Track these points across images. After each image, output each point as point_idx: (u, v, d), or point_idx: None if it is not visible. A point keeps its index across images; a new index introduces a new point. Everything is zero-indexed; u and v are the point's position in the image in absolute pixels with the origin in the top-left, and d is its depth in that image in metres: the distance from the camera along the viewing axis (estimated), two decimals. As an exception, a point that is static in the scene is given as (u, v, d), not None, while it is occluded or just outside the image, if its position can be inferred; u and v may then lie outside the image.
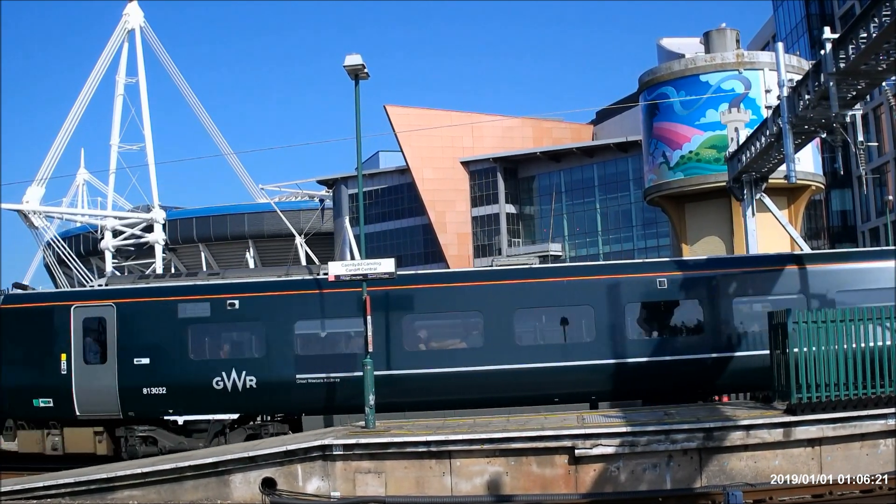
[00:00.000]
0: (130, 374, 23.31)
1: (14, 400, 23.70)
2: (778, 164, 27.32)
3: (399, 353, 23.07)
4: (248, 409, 23.62)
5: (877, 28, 18.19)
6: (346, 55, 22.03)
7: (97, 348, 23.86)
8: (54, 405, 23.28)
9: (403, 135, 72.45)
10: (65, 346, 23.55)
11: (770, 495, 17.18)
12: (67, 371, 23.41)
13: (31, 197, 65.02)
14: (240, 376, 23.06)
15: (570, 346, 23.14)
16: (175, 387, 23.25)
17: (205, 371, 23.33)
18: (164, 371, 23.32)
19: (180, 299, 23.84)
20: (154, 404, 23.30)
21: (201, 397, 23.26)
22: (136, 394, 23.23)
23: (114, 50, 70.42)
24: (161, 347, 23.57)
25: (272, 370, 23.20)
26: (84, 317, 23.83)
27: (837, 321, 18.82)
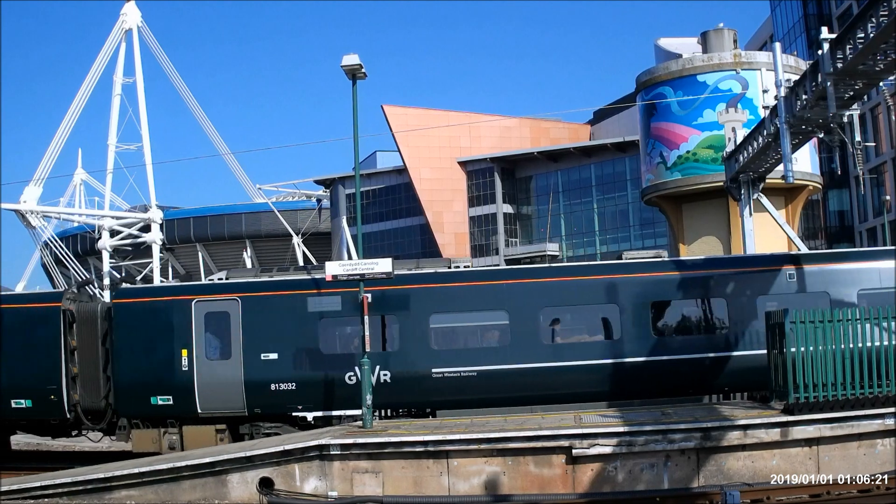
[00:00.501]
0: (257, 369, 22.85)
1: (129, 398, 23.28)
2: (775, 164, 27.32)
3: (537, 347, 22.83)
4: (382, 404, 23.04)
5: (874, 28, 18.19)
6: (344, 55, 22.03)
7: (220, 344, 23.41)
8: (174, 403, 22.82)
9: (401, 135, 72.41)
10: (185, 342, 23.11)
11: (767, 495, 17.17)
12: (189, 367, 22.98)
13: (28, 197, 64.94)
14: (373, 371, 22.54)
15: None
16: (305, 382, 22.78)
17: (337, 366, 22.90)
18: (294, 366, 22.84)
19: (310, 293, 23.31)
20: (282, 400, 22.80)
21: (333, 393, 22.79)
22: (262, 390, 22.74)
23: (111, 50, 70.38)
24: (290, 342, 23.07)
25: (407, 364, 22.81)
26: (206, 311, 23.38)
27: (835, 321, 18.83)
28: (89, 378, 23.82)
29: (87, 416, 23.92)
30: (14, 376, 23.47)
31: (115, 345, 23.46)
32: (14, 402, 23.49)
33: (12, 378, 23.47)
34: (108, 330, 23.90)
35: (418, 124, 71.97)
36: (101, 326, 24.01)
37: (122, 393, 23.32)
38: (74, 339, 23.90)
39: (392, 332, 23.34)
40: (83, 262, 78.72)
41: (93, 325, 24.04)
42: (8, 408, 23.54)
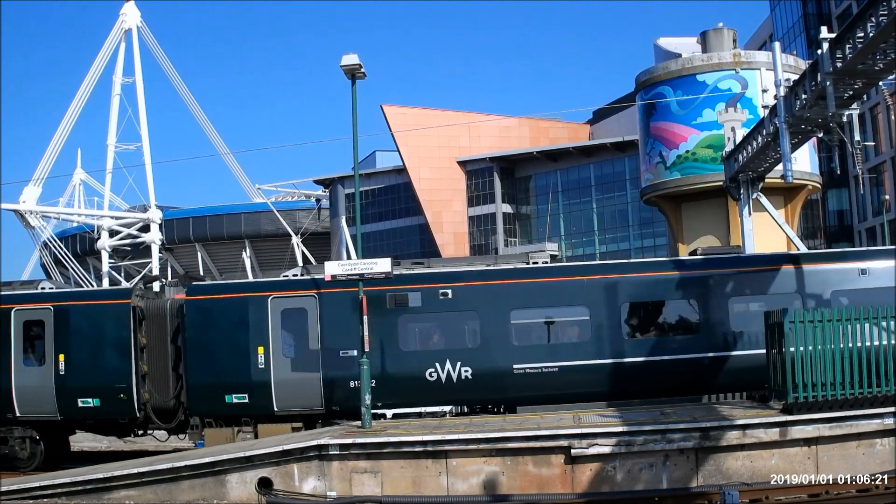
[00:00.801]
0: (336, 366, 22.72)
1: (203, 397, 23.14)
2: (775, 163, 27.29)
3: (618, 342, 22.83)
4: (462, 400, 22.99)
5: (874, 28, 18.17)
6: (343, 55, 22.02)
7: (297, 340, 23.26)
8: (249, 401, 22.65)
9: (400, 134, 72.40)
10: (262, 339, 22.92)
11: (766, 495, 17.14)
12: (265, 365, 22.79)
13: (27, 197, 65.03)
14: (454, 367, 22.50)
15: None
16: (385, 379, 22.58)
17: (417, 362, 22.80)
18: (374, 363, 22.52)
19: (389, 289, 23.06)
20: None
21: (413, 389, 22.69)
22: (342, 387, 22.59)
23: (111, 50, 70.55)
24: (372, 338, 22.63)
25: (488, 360, 22.67)
26: (283, 308, 23.18)
27: (834, 320, 18.82)
28: (159, 376, 23.69)
29: (156, 415, 23.79)
30: (82, 375, 23.42)
31: (188, 342, 23.30)
32: (81, 401, 23.37)
33: (80, 377, 23.42)
34: (178, 327, 23.74)
35: (417, 124, 71.96)
36: (171, 323, 23.87)
37: (195, 392, 23.14)
38: (144, 336, 23.77)
39: (472, 328, 23.25)
40: (82, 262, 78.82)
41: (162, 322, 23.92)
42: (74, 407, 23.46)
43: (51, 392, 23.51)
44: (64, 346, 23.67)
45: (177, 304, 24.06)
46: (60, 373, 23.51)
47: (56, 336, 23.77)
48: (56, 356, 23.64)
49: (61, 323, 23.83)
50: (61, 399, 23.43)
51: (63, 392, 23.44)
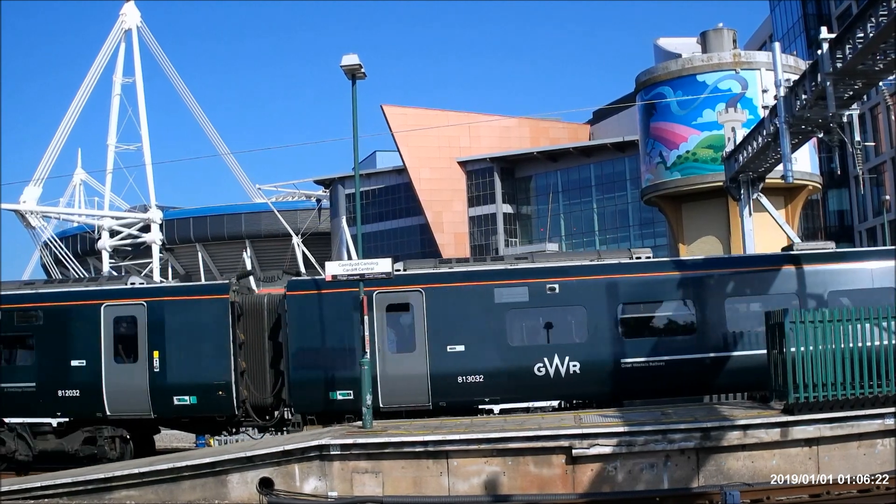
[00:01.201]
0: (443, 361, 22.60)
1: (306, 394, 23.00)
2: (775, 163, 27.32)
3: (723, 336, 22.74)
4: (570, 395, 22.93)
5: (874, 28, 18.19)
6: (344, 55, 22.03)
7: (403, 336, 23.18)
8: (355, 397, 22.32)
9: (400, 135, 72.37)
10: (370, 335, 22.62)
11: (767, 495, 17.16)
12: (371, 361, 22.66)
13: (28, 197, 65.07)
14: (563, 362, 22.44)
15: None
16: (493, 374, 22.51)
17: (526, 357, 22.68)
18: (482, 358, 22.54)
19: (496, 284, 23.03)
20: (469, 393, 22.58)
21: (521, 384, 22.58)
22: (449, 382, 22.50)
23: (111, 50, 70.61)
24: (477, 334, 22.76)
25: (596, 354, 22.60)
26: (388, 303, 23.10)
27: (834, 321, 18.82)
28: (257, 373, 23.57)
29: (255, 413, 23.66)
30: (179, 372, 23.21)
31: (291, 338, 23.11)
32: (177, 398, 23.15)
33: (176, 374, 23.21)
34: (276, 323, 23.63)
35: (418, 124, 71.94)
36: (269, 319, 23.74)
37: (298, 389, 22.99)
38: (242, 332, 23.60)
39: (580, 322, 23.14)
40: (83, 262, 78.83)
41: (259, 317, 23.80)
42: (170, 405, 23.23)
43: (144, 390, 23.21)
44: (158, 342, 23.39)
45: (275, 300, 23.95)
46: (155, 370, 23.21)
47: (150, 332, 23.47)
48: (150, 353, 23.32)
49: (155, 319, 23.54)
50: (156, 397, 23.13)
51: (158, 390, 23.13)
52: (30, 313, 24.04)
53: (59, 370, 23.56)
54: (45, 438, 23.69)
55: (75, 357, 23.56)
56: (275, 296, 24.13)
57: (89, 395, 23.34)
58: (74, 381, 23.49)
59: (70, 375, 23.49)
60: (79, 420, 23.70)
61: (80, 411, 23.54)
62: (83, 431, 23.65)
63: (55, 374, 23.56)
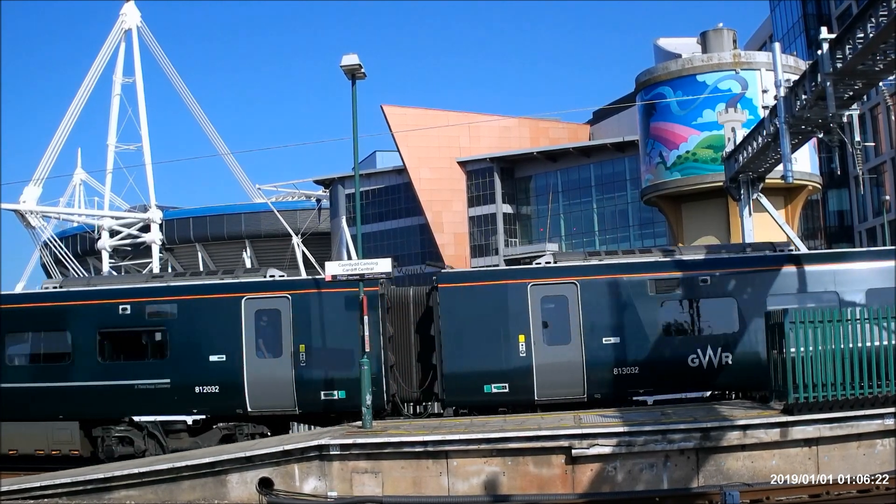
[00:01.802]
0: (599, 353, 22.52)
1: (460, 387, 22.81)
2: (775, 164, 27.34)
3: None
4: (721, 386, 22.90)
5: (874, 28, 18.19)
6: (343, 55, 22.03)
7: (558, 327, 22.93)
8: (509, 390, 22.35)
9: (400, 135, 72.39)
10: (523, 327, 22.65)
11: (767, 495, 17.16)
12: (527, 353, 22.53)
13: (28, 197, 64.95)
14: (715, 353, 22.39)
15: None
16: (648, 365, 22.46)
17: (679, 348, 22.62)
18: (637, 350, 22.50)
19: (652, 276, 23.08)
20: (624, 385, 22.53)
21: (675, 375, 22.54)
22: (604, 374, 22.48)
23: (111, 50, 70.45)
24: (631, 326, 22.71)
25: (748, 346, 22.48)
26: (542, 295, 22.98)
27: (834, 321, 18.82)
28: (405, 366, 23.43)
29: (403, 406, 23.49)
30: (328, 367, 22.92)
31: (444, 331, 22.92)
32: (324, 393, 22.87)
33: (325, 368, 22.91)
34: (423, 315, 23.51)
35: (417, 124, 71.95)
36: (415, 312, 23.63)
37: (453, 381, 22.80)
38: (391, 325, 23.43)
39: (731, 314, 23.06)
40: (83, 262, 78.74)
41: (406, 310, 23.69)
42: (317, 400, 22.87)
43: (289, 385, 22.84)
44: (305, 336, 23.05)
45: (421, 292, 23.90)
46: (301, 364, 22.85)
47: (295, 326, 23.08)
48: (296, 347, 22.99)
49: (301, 312, 23.18)
50: (301, 392, 22.73)
51: (304, 384, 22.74)
52: (162, 307, 23.69)
53: (196, 366, 23.16)
54: (178, 437, 23.35)
55: (214, 352, 23.18)
56: (421, 288, 24.13)
57: (229, 392, 22.92)
58: (213, 377, 23.05)
59: (208, 371, 23.09)
60: (215, 417, 23.39)
61: (219, 408, 23.19)
62: (220, 429, 23.33)
63: (192, 370, 23.14)
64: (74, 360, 23.74)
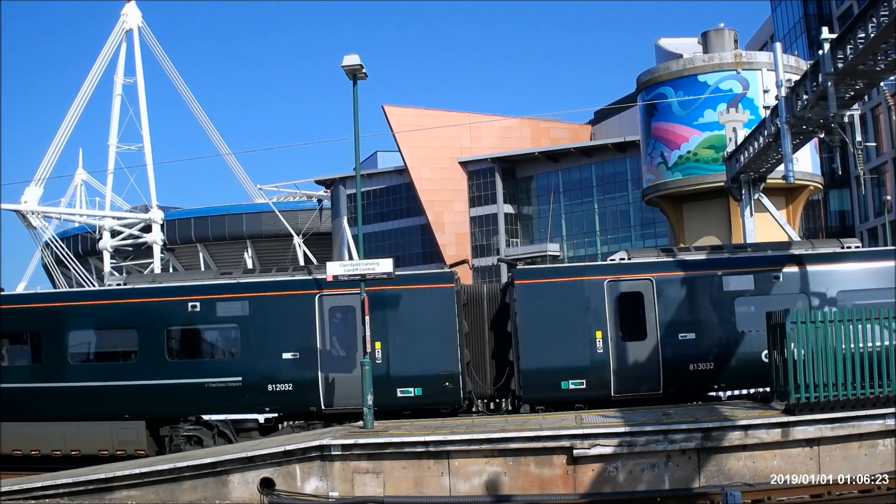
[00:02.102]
0: (675, 349, 22.57)
1: (537, 383, 22.72)
2: (776, 164, 27.37)
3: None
4: None
5: (875, 28, 18.21)
6: (345, 55, 22.01)
7: (633, 324, 22.97)
8: (587, 386, 22.40)
9: (401, 135, 72.43)
10: (599, 323, 22.72)
11: (768, 495, 17.16)
12: (604, 349, 22.63)
13: (29, 197, 65.04)
14: None
15: None
16: (723, 361, 22.48)
17: (753, 344, 22.42)
18: (712, 345, 22.54)
19: (725, 272, 23.07)
20: (699, 380, 22.51)
21: (748, 371, 22.44)
22: (681, 370, 22.45)
23: (112, 50, 70.56)
24: (706, 321, 22.77)
25: None
26: (620, 291, 23.04)
27: (836, 321, 18.82)
28: (479, 363, 23.37)
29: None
30: (404, 363, 22.79)
31: (521, 328, 22.81)
32: (401, 390, 22.68)
33: (401, 365, 22.77)
34: (497, 312, 23.47)
35: (419, 124, 71.99)
36: (489, 308, 23.60)
37: (530, 378, 22.70)
38: (467, 321, 23.35)
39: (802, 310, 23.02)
40: (84, 262, 78.71)
41: (480, 306, 23.64)
42: (393, 397, 22.64)
43: (356, 383, 22.16)
44: (381, 333, 22.79)
45: (495, 288, 23.92)
46: (377, 362, 22.59)
47: (372, 322, 22.59)
48: (371, 344, 22.57)
49: (378, 309, 22.84)
50: (377, 389, 22.01)
51: (380, 382, 22.19)
52: (234, 304, 23.45)
53: (268, 364, 23.04)
54: (248, 435, 23.09)
55: (287, 350, 23.11)
56: (494, 285, 24.06)
57: (303, 390, 22.81)
58: (286, 374, 22.94)
59: (281, 369, 22.99)
60: (287, 415, 23.23)
61: (291, 406, 23.02)
62: (291, 427, 23.18)
63: (264, 367, 23.01)
64: (141, 358, 23.52)
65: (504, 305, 23.59)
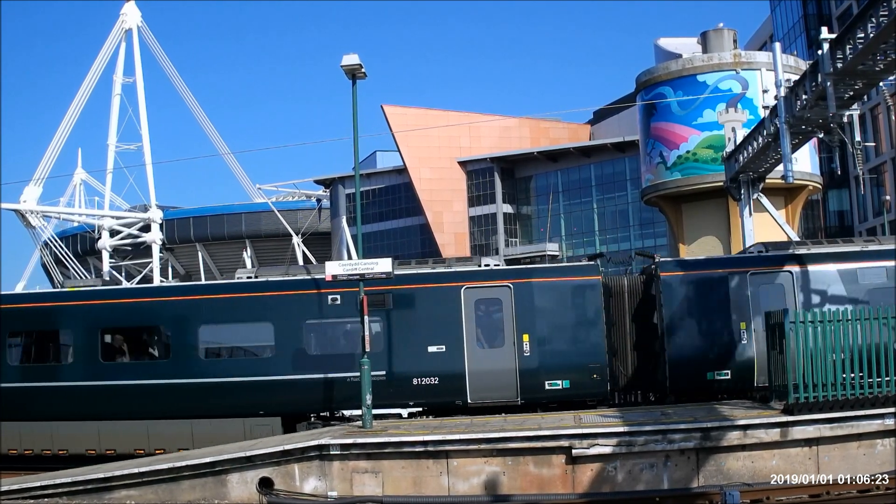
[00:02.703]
0: None
1: (682, 374, 22.79)
2: (775, 163, 27.36)
3: None
4: None
5: (874, 28, 18.21)
6: (344, 55, 22.03)
7: None
8: (732, 377, 22.34)
9: (401, 135, 72.36)
10: (744, 315, 22.78)
11: (767, 495, 17.17)
12: (748, 340, 22.62)
13: (28, 196, 64.89)
14: None
15: None
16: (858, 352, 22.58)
17: None
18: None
19: (861, 266, 23.11)
20: None
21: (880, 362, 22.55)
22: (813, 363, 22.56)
23: (111, 49, 70.37)
24: None
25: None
26: (761, 284, 23.02)
27: (834, 321, 18.82)
28: (622, 354, 23.51)
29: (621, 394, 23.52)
30: (552, 356, 22.77)
31: (667, 319, 22.96)
32: (549, 383, 22.57)
33: (550, 358, 22.78)
34: (640, 303, 23.59)
35: (418, 124, 71.92)
36: (631, 300, 23.69)
37: (676, 369, 22.74)
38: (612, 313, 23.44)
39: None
40: (83, 262, 78.70)
41: (622, 298, 23.74)
42: (540, 390, 22.58)
43: (513, 375, 22.64)
44: (528, 325, 22.83)
45: (636, 280, 24.04)
46: (525, 354, 22.61)
47: (518, 315, 22.88)
48: (519, 337, 22.78)
49: (523, 301, 22.95)
50: (525, 382, 22.49)
51: (527, 375, 22.51)
52: (377, 296, 23.03)
53: (414, 357, 22.95)
54: None
55: (433, 343, 23.00)
56: (636, 277, 24.26)
57: (449, 383, 22.71)
58: (433, 368, 22.84)
59: (428, 362, 22.88)
60: (431, 409, 23.10)
61: (436, 400, 22.95)
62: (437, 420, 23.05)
63: (410, 361, 22.95)
64: (278, 352, 23.39)
65: (647, 297, 23.67)
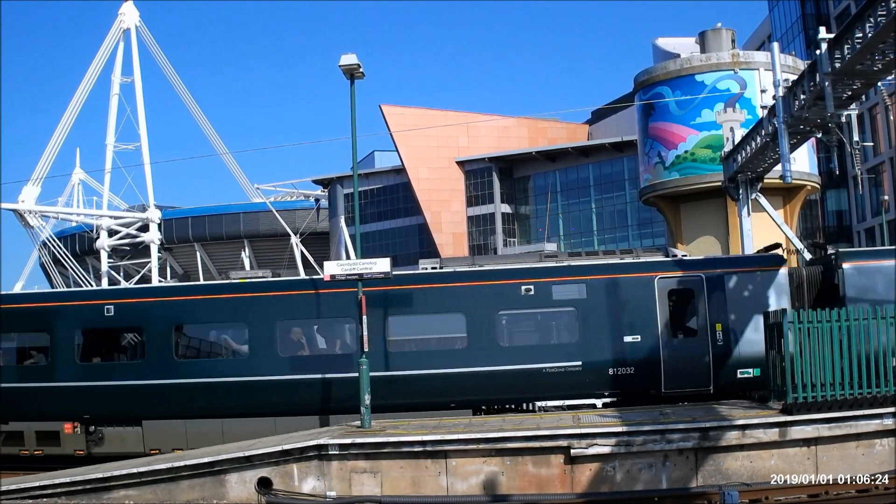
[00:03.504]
0: None
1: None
2: (773, 164, 27.32)
3: None
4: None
5: (872, 28, 18.18)
6: (342, 55, 22.01)
7: None
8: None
9: (399, 134, 72.35)
10: None
11: (766, 495, 17.16)
12: None
13: (26, 196, 64.81)
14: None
15: None
16: None
17: None
18: None
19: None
20: None
21: None
22: None
23: (109, 49, 70.29)
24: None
25: None
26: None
27: (833, 321, 18.83)
28: None
29: None
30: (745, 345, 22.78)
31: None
32: (740, 371, 22.80)
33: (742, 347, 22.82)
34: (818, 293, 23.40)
35: (416, 124, 71.92)
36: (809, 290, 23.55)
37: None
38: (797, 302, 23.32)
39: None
40: (81, 261, 78.70)
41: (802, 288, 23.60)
42: (733, 378, 22.82)
43: (706, 364, 22.81)
44: (721, 315, 23.06)
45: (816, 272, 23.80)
46: (718, 343, 22.83)
47: (710, 305, 23.09)
48: (712, 326, 22.95)
49: (715, 291, 23.16)
50: (718, 371, 22.69)
51: (721, 363, 22.75)
52: (571, 287, 23.26)
53: (610, 347, 22.99)
54: None
55: (629, 332, 23.07)
56: (816, 267, 24.16)
57: (645, 373, 22.84)
58: (628, 358, 22.92)
59: (623, 352, 22.96)
60: (625, 399, 23.04)
61: (631, 390, 23.00)
62: None
63: (606, 351, 22.99)
64: (471, 343, 23.31)
65: (826, 287, 23.47)
